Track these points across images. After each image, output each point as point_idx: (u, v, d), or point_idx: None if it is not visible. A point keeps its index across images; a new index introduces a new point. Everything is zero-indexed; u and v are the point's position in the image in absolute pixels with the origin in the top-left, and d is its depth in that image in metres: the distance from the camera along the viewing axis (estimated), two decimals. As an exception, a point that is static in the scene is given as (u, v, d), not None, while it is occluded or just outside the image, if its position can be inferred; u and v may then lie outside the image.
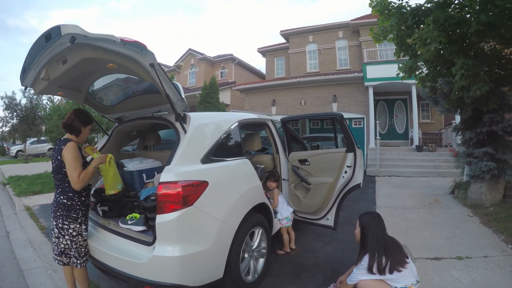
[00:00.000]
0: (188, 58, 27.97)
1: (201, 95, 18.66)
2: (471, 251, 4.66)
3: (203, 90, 18.74)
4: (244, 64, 27.91)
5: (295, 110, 18.65)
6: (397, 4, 6.87)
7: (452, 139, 14.91)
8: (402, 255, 2.86)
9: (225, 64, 26.96)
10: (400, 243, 3.03)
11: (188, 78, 27.79)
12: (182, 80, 27.68)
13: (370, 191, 9.40)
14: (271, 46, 23.87)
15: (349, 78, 17.50)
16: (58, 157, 2.98)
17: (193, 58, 27.44)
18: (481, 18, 5.38)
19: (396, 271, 2.73)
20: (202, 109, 18.06)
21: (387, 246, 2.84)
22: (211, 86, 18.65)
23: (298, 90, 18.94)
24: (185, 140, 3.12)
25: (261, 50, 24.08)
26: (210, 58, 27.00)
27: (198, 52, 27.15)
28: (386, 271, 2.73)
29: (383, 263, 2.75)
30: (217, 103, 18.47)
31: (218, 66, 27.38)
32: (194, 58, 27.32)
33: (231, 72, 26.44)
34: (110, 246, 3.14)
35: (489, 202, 7.04)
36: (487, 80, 5.85)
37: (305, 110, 18.36)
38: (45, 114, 18.05)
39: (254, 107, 19.84)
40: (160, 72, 2.77)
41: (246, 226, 3.49)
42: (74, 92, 3.86)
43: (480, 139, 7.42)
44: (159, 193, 2.76)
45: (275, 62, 23.58)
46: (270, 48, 23.82)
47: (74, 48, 2.60)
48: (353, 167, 4.34)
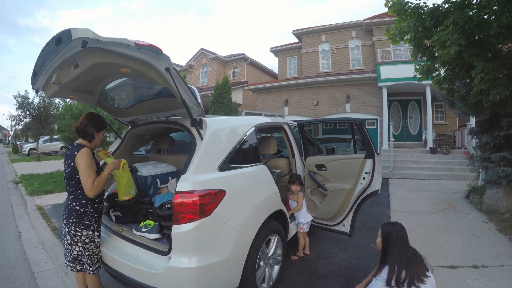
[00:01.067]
0: (200, 57, 28.06)
1: (213, 95, 18.68)
2: (487, 259, 4.57)
3: (216, 90, 18.75)
4: (256, 64, 27.90)
5: (308, 110, 18.61)
6: (414, 5, 6.74)
7: (466, 141, 14.69)
8: (423, 269, 2.78)
9: (237, 63, 26.98)
10: (421, 256, 2.95)
11: (200, 77, 27.89)
12: (194, 79, 27.80)
13: (384, 194, 9.25)
14: (284, 45, 23.82)
15: (362, 78, 17.38)
16: (71, 163, 2.92)
17: (205, 57, 27.51)
18: (502, 21, 5.25)
19: (414, 286, 2.66)
20: (214, 109, 18.10)
21: (408, 260, 2.77)
22: (224, 86, 18.65)
23: (311, 90, 18.87)
24: (201, 147, 3.04)
25: (273, 50, 24.03)
26: (222, 57, 27.04)
27: (210, 51, 27.20)
28: (405, 285, 2.67)
29: (402, 277, 2.68)
30: (229, 103, 18.46)
31: (230, 66, 27.42)
32: (206, 57, 27.38)
33: (243, 71, 26.44)
34: (124, 254, 3.09)
35: (505, 208, 6.87)
36: (507, 84, 5.71)
37: (318, 110, 18.30)
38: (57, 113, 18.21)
39: (266, 107, 19.82)
40: (176, 76, 2.70)
41: (263, 234, 3.43)
42: (87, 95, 3.80)
43: (497, 143, 7.26)
44: (175, 202, 2.69)
45: (287, 62, 23.52)
46: (282, 47, 23.76)
47: (86, 52, 2.53)
48: (371, 173, 4.27)
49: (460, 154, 13.71)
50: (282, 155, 5.58)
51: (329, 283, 3.99)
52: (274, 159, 5.24)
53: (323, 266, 4.46)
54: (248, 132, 3.74)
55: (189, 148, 3.12)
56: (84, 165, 2.85)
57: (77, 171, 2.89)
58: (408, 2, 6.77)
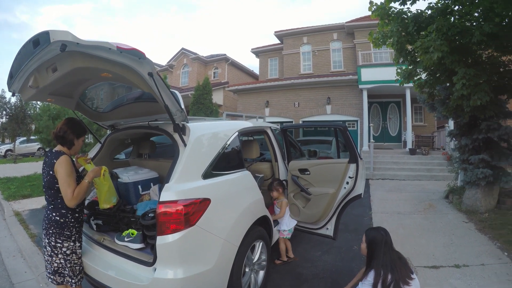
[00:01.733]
0: (181, 57, 27.84)
1: (194, 96, 18.54)
2: (468, 258, 4.68)
3: (196, 91, 18.62)
4: (238, 65, 27.87)
5: (288, 112, 18.71)
6: (397, 10, 6.86)
7: (445, 143, 15.01)
8: (408, 271, 2.82)
9: (218, 64, 26.88)
10: (405, 259, 3.00)
11: (181, 77, 27.66)
12: (175, 79, 27.58)
13: (365, 195, 9.20)
14: (265, 46, 23.88)
15: (343, 80, 17.62)
16: (50, 171, 2.79)
17: (186, 57, 27.31)
18: (485, 29, 5.39)
19: None
20: (195, 110, 17.95)
21: (393, 264, 2.80)
22: (204, 87, 18.53)
23: (292, 91, 18.99)
24: (185, 154, 2.95)
25: (254, 51, 24.06)
26: (203, 58, 26.90)
27: (191, 51, 27.03)
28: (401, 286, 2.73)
29: (388, 280, 2.72)
30: (210, 104, 18.35)
31: (211, 66, 27.29)
32: (187, 57, 27.18)
33: (224, 72, 26.37)
34: (107, 265, 2.97)
35: (484, 208, 7.07)
36: (487, 90, 5.89)
37: (299, 112, 18.43)
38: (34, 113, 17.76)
39: (247, 108, 19.80)
40: (159, 81, 2.61)
41: (248, 240, 3.39)
42: (65, 98, 3.63)
43: (476, 145, 7.45)
44: (159, 212, 2.61)
45: (268, 63, 23.58)
46: (264, 48, 23.82)
47: (65, 56, 2.40)
48: (355, 177, 4.30)
49: (439, 155, 13.99)
50: (264, 158, 5.53)
51: (314, 286, 4.00)
52: (256, 163, 5.20)
53: (308, 270, 4.46)
54: (232, 138, 3.67)
55: (171, 152, 3.05)
56: (64, 173, 2.73)
57: (56, 179, 2.77)
58: (392, 7, 6.87)
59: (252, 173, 3.88)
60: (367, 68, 16.50)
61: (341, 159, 4.54)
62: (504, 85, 6.88)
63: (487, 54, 6.98)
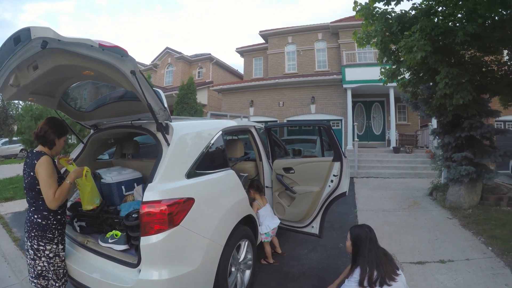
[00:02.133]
0: (165, 56, 27.60)
1: (178, 96, 18.43)
2: (453, 254, 4.76)
3: (180, 90, 18.52)
4: (222, 64, 27.79)
5: (273, 111, 18.74)
6: (382, 10, 6.93)
7: (428, 141, 15.24)
8: (393, 268, 2.85)
9: (203, 63, 26.74)
10: (391, 255, 3.02)
11: (165, 77, 27.41)
12: (159, 79, 27.34)
13: (350, 193, 9.28)
14: (250, 46, 23.82)
15: (327, 80, 17.73)
16: (31, 172, 2.72)
17: (170, 57, 27.09)
18: (468, 29, 5.48)
19: (386, 285, 2.74)
20: (179, 110, 17.85)
21: (379, 260, 2.82)
22: (189, 86, 18.44)
23: (276, 91, 19.01)
24: (168, 153, 2.91)
25: (239, 50, 23.97)
26: (187, 57, 26.73)
27: (175, 50, 26.81)
28: (377, 284, 2.72)
29: (374, 277, 2.73)
30: (194, 104, 18.27)
31: (195, 66, 27.12)
32: (171, 57, 26.97)
33: (209, 72, 26.25)
34: (91, 267, 2.92)
35: (468, 204, 7.21)
36: (470, 89, 6.00)
37: (283, 111, 18.48)
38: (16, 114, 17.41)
39: (231, 108, 19.75)
40: (142, 80, 2.57)
41: (233, 240, 3.36)
42: (47, 97, 3.54)
43: (459, 143, 7.60)
44: (142, 213, 2.57)
45: (253, 63, 23.51)
46: (248, 48, 23.76)
47: (46, 53, 2.36)
48: (339, 176, 4.31)
49: (422, 153, 14.21)
50: (249, 157, 5.53)
51: (301, 284, 4.00)
52: (241, 162, 5.18)
53: (294, 268, 4.46)
54: (216, 137, 3.63)
55: (155, 152, 3.00)
56: (45, 174, 2.67)
57: (37, 181, 2.71)
58: (376, 7, 6.94)
59: (236, 172, 3.85)
60: (351, 68, 16.64)
61: (325, 158, 4.56)
62: (486, 85, 7.04)
63: (470, 54, 7.12)
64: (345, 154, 4.57)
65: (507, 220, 6.19)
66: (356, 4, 7.09)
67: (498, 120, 14.00)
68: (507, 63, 7.13)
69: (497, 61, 7.23)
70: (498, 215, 6.55)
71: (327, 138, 4.48)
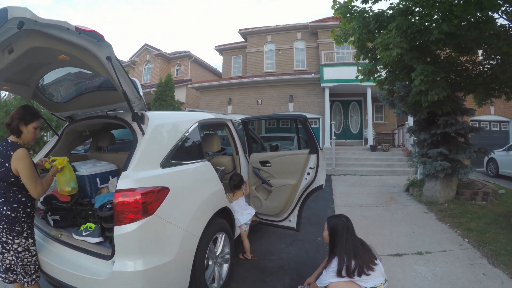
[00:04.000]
0: (144, 53, 27.16)
1: (156, 93, 18.21)
2: (430, 246, 4.85)
3: (158, 87, 18.30)
4: (201, 62, 27.59)
5: (251, 110, 18.74)
6: (360, 8, 7.03)
7: (404, 139, 15.58)
8: (371, 257, 2.88)
9: (181, 61, 26.51)
10: (368, 246, 3.05)
11: (143, 74, 26.97)
12: (137, 76, 26.89)
13: (327, 190, 9.43)
14: (229, 44, 23.76)
15: (306, 79, 17.89)
16: (5, 163, 2.62)
17: (149, 53, 26.69)
18: (443, 28, 5.60)
19: (364, 274, 2.75)
20: (156, 107, 17.65)
21: (356, 250, 2.84)
22: (167, 83, 18.24)
23: (255, 89, 19.05)
24: (143, 142, 2.88)
25: (218, 48, 23.87)
26: (166, 54, 26.42)
27: (154, 47, 26.46)
28: (355, 274, 2.74)
29: (352, 266, 2.75)
30: (172, 101, 18.09)
31: (174, 63, 26.83)
32: (150, 53, 26.57)
33: (187, 69, 26.02)
34: (64, 261, 2.83)
35: (443, 199, 7.39)
36: (444, 86, 6.14)
37: (261, 109, 18.51)
38: (-10, 110, 16.82)
39: (210, 106, 19.64)
40: (118, 66, 2.54)
41: (210, 232, 3.33)
42: (21, 86, 3.44)
43: (434, 140, 7.78)
44: (116, 201, 2.51)
45: (232, 61, 23.44)
46: (227, 46, 23.68)
47: (22, 35, 2.28)
48: (315, 168, 4.32)
49: (399, 151, 14.52)
50: (226, 152, 5.52)
51: (280, 278, 3.99)
52: (218, 156, 5.16)
53: (273, 262, 4.45)
54: (191, 128, 3.61)
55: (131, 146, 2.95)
56: (27, 170, 2.61)
57: (11, 173, 2.61)
58: (354, 5, 7.04)
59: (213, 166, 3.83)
60: (330, 67, 16.85)
61: (301, 150, 4.55)
62: (461, 83, 7.23)
63: (446, 54, 7.30)
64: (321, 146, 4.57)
65: (482, 213, 6.37)
66: (335, 3, 7.18)
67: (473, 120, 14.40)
68: (482, 63, 7.34)
69: (471, 61, 7.44)
70: (473, 209, 6.72)
71: (303, 130, 4.48)
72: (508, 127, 17.39)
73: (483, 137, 9.27)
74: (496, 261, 4.26)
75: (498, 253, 4.46)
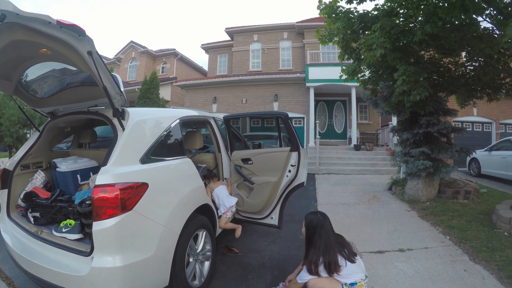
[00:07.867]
0: (129, 50, 26.89)
1: (140, 90, 18.05)
2: (412, 243, 4.93)
3: (143, 85, 18.14)
4: (187, 60, 27.47)
5: (236, 108, 18.72)
6: (345, 9, 7.08)
7: (388, 139, 15.77)
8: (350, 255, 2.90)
9: (167, 59, 26.36)
10: (347, 241, 3.08)
11: (128, 71, 26.71)
12: (122, 73, 26.61)
13: (311, 189, 9.53)
14: (215, 43, 23.68)
15: (291, 78, 17.97)
16: None
17: (135, 51, 26.44)
18: (426, 29, 5.66)
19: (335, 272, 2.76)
20: (141, 105, 17.44)
21: (327, 247, 2.85)
22: (152, 81, 18.08)
23: (240, 88, 19.05)
24: (123, 138, 2.87)
25: (204, 47, 23.77)
26: (152, 52, 26.22)
27: (140, 45, 26.24)
28: (322, 272, 2.77)
29: (319, 262, 2.79)
30: (156, 99, 17.94)
31: (159, 61, 26.66)
32: (136, 51, 26.33)
33: (173, 67, 25.88)
34: (44, 258, 2.81)
35: (425, 197, 7.52)
36: (427, 86, 6.23)
37: (246, 108, 18.52)
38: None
39: (194, 104, 19.58)
40: (99, 61, 2.55)
41: (190, 229, 3.33)
42: (3, 81, 3.41)
43: (417, 139, 7.91)
44: (95, 197, 2.51)
45: (218, 59, 23.38)
46: (214, 45, 23.60)
47: (3, 27, 2.29)
48: (297, 166, 4.32)
49: (382, 151, 14.68)
50: (209, 150, 5.53)
51: (262, 275, 4.01)
52: (200, 154, 5.16)
53: (255, 260, 4.47)
54: (173, 124, 3.61)
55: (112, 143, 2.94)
56: None
57: None
58: (339, 6, 7.09)
59: (195, 164, 3.84)
60: (315, 67, 16.94)
61: (283, 148, 4.55)
62: (444, 83, 7.34)
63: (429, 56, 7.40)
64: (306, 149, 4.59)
65: (463, 211, 6.49)
66: (320, 3, 7.21)
67: (457, 120, 14.71)
68: (464, 64, 7.46)
69: (454, 62, 7.56)
70: (455, 207, 6.85)
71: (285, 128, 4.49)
72: (491, 128, 17.72)
73: (466, 138, 9.45)
74: (477, 257, 4.35)
75: (479, 250, 4.55)
